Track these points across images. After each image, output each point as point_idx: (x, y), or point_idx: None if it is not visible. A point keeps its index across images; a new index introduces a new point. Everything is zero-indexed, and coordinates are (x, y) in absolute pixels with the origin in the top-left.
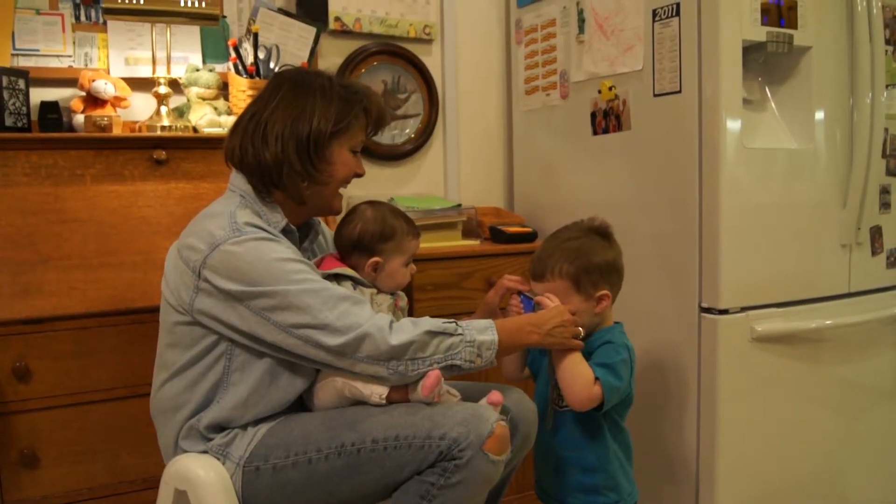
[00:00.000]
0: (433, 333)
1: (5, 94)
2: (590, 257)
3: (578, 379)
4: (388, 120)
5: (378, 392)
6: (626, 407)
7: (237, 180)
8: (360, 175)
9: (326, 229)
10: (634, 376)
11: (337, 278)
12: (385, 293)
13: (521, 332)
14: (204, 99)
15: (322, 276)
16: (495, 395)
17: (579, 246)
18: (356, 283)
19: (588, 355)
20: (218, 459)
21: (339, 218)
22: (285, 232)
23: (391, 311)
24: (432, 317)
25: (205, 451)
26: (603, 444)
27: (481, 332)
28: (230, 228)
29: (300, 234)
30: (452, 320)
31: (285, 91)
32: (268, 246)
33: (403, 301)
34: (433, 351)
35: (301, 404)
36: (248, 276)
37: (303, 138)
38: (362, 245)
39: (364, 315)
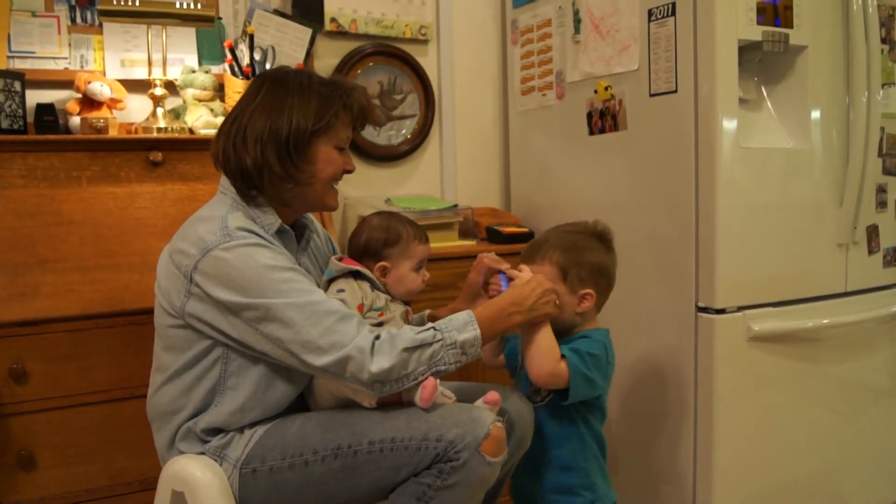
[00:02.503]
0: (411, 349)
1: (1, 97)
2: (583, 253)
3: (545, 352)
4: (374, 114)
5: (367, 400)
6: (602, 417)
7: (227, 182)
8: (349, 171)
9: (321, 228)
10: (609, 384)
11: (356, 276)
12: (398, 302)
13: (503, 316)
14: (200, 100)
15: (342, 270)
16: (492, 396)
17: (576, 240)
18: (374, 286)
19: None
20: (215, 461)
21: (334, 217)
22: (281, 233)
23: (403, 318)
24: None
25: (202, 453)
26: (579, 440)
27: (461, 330)
28: (221, 233)
29: (296, 234)
30: (430, 326)
31: (264, 91)
32: (258, 252)
33: (411, 315)
34: (415, 366)
35: (300, 400)
36: (236, 282)
37: (282, 139)
38: (370, 251)
39: (348, 333)
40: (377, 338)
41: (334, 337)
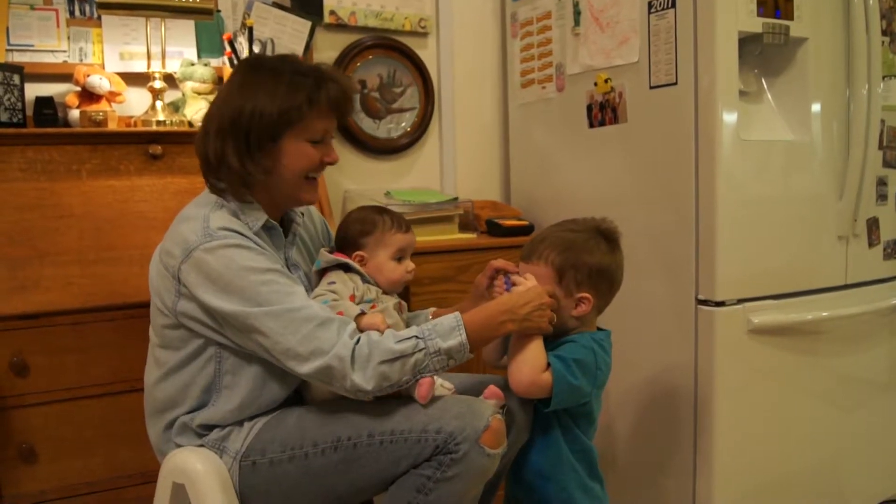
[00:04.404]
0: (390, 361)
1: (0, 90)
2: (581, 255)
3: (527, 362)
4: (349, 104)
5: None
6: (588, 423)
7: None
8: (329, 163)
9: (317, 214)
10: (600, 390)
11: (346, 269)
12: (391, 293)
13: (493, 324)
14: (199, 93)
15: (331, 262)
16: (495, 391)
17: (575, 239)
18: (364, 278)
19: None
20: (215, 453)
21: (334, 212)
22: (268, 228)
23: (396, 310)
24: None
25: (201, 446)
26: (556, 450)
27: (447, 336)
28: (202, 233)
29: (284, 228)
30: (413, 334)
31: (237, 80)
32: (238, 253)
33: (404, 309)
34: (399, 375)
35: (297, 392)
36: (217, 284)
37: (241, 133)
38: (347, 241)
39: (328, 340)
40: (357, 342)
41: (314, 344)
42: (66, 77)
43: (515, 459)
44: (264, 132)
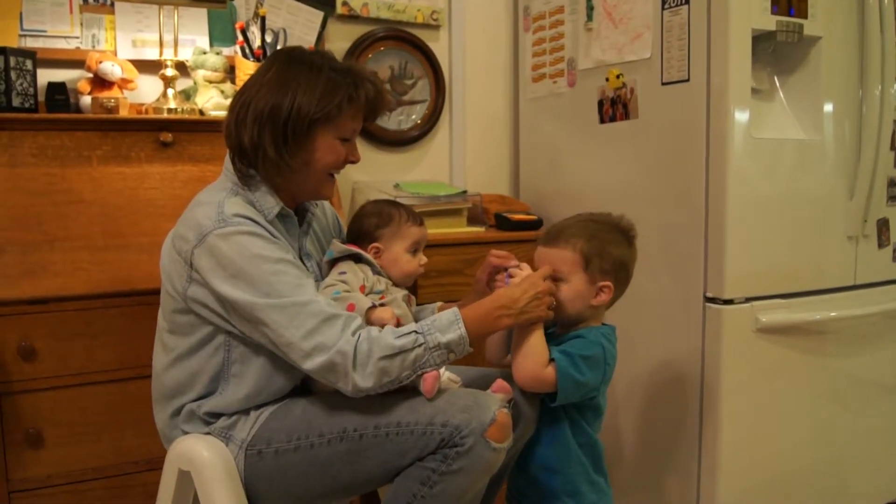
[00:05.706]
0: (390, 357)
1: (13, 75)
2: (607, 245)
3: (530, 356)
4: (383, 107)
5: None
6: (595, 416)
7: (230, 163)
8: (352, 162)
9: (328, 206)
10: (607, 384)
11: (357, 259)
12: (399, 287)
13: (490, 319)
14: (211, 82)
15: (343, 252)
16: (502, 384)
17: (601, 230)
18: (375, 270)
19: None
20: (221, 441)
21: (343, 203)
22: (283, 217)
23: (405, 302)
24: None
25: (207, 433)
26: (564, 444)
27: (445, 330)
28: (216, 218)
29: (298, 217)
30: (413, 329)
31: (274, 70)
32: (250, 240)
33: (413, 302)
34: (399, 371)
35: (304, 384)
36: (228, 270)
37: (280, 123)
38: (363, 233)
39: (331, 337)
40: (359, 339)
41: (317, 339)
42: (78, 63)
43: (521, 452)
44: (300, 125)
